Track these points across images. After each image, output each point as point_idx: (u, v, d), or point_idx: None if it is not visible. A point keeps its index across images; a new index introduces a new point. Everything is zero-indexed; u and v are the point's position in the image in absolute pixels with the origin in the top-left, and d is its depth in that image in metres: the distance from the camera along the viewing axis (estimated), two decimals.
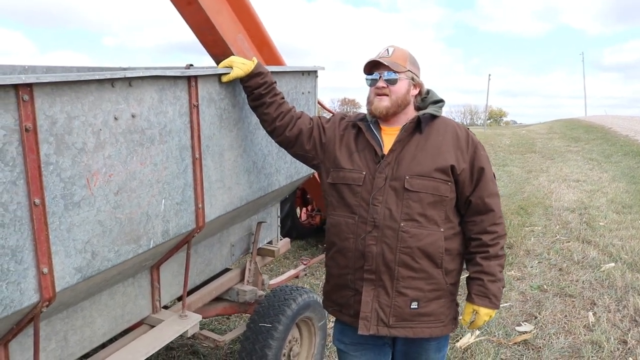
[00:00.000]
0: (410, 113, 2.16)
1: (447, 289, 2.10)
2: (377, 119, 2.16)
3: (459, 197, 2.08)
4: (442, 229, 2.04)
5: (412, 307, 2.04)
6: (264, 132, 2.63)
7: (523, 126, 45.27)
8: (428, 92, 2.23)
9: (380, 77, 2.09)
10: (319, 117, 2.37)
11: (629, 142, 17.19)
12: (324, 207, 2.29)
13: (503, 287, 2.12)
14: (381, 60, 2.07)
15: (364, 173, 2.08)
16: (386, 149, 2.09)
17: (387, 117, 2.12)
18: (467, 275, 2.18)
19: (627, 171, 11.84)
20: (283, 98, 2.33)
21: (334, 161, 2.18)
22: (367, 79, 2.15)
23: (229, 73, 2.27)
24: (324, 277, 2.36)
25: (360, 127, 2.17)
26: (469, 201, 2.08)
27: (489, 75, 42.37)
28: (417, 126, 2.09)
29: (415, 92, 2.17)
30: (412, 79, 2.13)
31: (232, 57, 2.30)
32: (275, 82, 2.33)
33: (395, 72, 2.07)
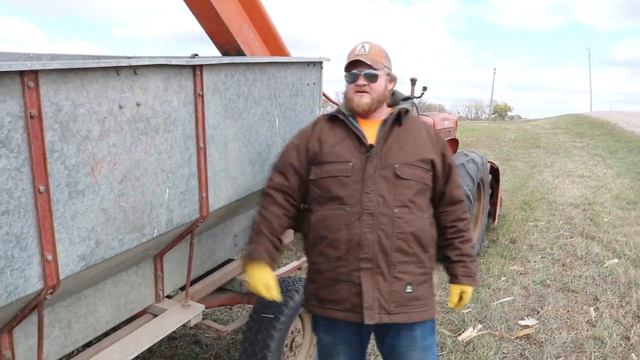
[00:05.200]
0: (385, 107, 2.25)
1: (430, 273, 2.19)
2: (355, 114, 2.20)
3: (436, 189, 2.21)
4: (426, 215, 2.14)
5: (407, 291, 2.08)
6: (269, 122, 2.63)
7: (527, 121, 45.13)
8: (393, 92, 2.32)
9: (360, 74, 2.14)
10: (288, 154, 2.25)
11: (634, 138, 17.12)
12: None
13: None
14: (362, 59, 2.13)
15: (351, 164, 2.10)
16: (370, 140, 2.13)
17: (368, 113, 2.18)
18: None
19: (632, 167, 11.80)
20: (282, 216, 2.20)
21: (315, 159, 2.17)
22: (346, 76, 2.20)
23: None
24: None
25: (340, 119, 2.18)
26: (442, 193, 2.21)
27: (494, 69, 42.18)
28: (397, 119, 2.18)
29: (392, 86, 2.26)
30: (388, 74, 2.21)
31: (259, 287, 2.16)
32: (281, 244, 2.26)
33: (374, 69, 2.14)
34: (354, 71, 2.15)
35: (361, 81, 2.14)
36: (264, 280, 2.15)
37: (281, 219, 2.20)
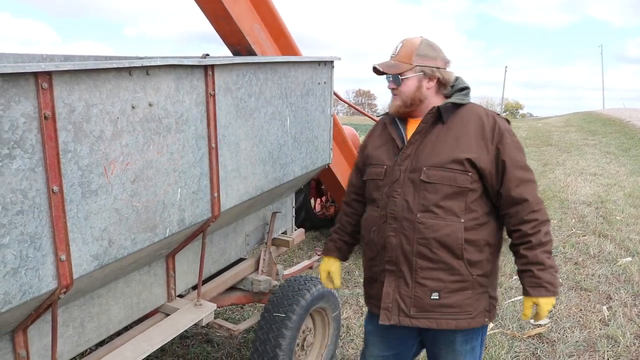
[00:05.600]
0: (435, 103, 2.09)
1: (473, 280, 2.03)
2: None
3: (489, 189, 2.03)
4: (462, 220, 1.99)
5: (432, 297, 2.01)
6: (280, 122, 2.63)
7: (539, 119, 44.78)
8: (457, 79, 2.17)
9: (389, 78, 2.13)
10: (357, 154, 2.41)
11: None
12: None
13: (556, 273, 2.02)
14: (379, 67, 2.10)
15: (385, 167, 2.12)
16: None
17: (401, 115, 2.16)
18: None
19: None
20: (350, 214, 2.40)
21: (365, 161, 2.27)
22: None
23: None
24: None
25: (385, 122, 2.22)
26: (500, 194, 2.02)
27: (506, 67, 41.92)
28: (440, 116, 2.05)
29: (432, 84, 2.09)
30: (423, 72, 2.06)
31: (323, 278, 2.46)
32: (352, 238, 2.43)
33: (396, 73, 2.07)
34: (387, 75, 2.13)
35: (390, 85, 2.12)
36: (326, 270, 2.44)
37: (350, 217, 2.40)
